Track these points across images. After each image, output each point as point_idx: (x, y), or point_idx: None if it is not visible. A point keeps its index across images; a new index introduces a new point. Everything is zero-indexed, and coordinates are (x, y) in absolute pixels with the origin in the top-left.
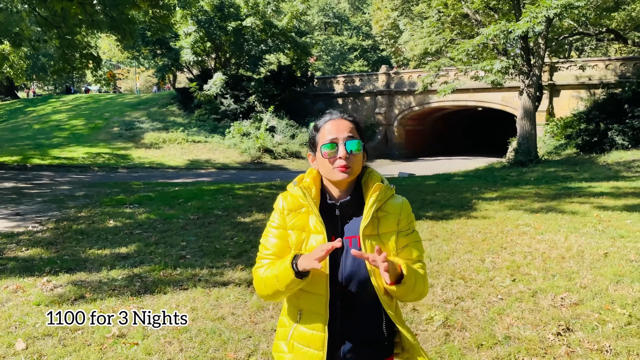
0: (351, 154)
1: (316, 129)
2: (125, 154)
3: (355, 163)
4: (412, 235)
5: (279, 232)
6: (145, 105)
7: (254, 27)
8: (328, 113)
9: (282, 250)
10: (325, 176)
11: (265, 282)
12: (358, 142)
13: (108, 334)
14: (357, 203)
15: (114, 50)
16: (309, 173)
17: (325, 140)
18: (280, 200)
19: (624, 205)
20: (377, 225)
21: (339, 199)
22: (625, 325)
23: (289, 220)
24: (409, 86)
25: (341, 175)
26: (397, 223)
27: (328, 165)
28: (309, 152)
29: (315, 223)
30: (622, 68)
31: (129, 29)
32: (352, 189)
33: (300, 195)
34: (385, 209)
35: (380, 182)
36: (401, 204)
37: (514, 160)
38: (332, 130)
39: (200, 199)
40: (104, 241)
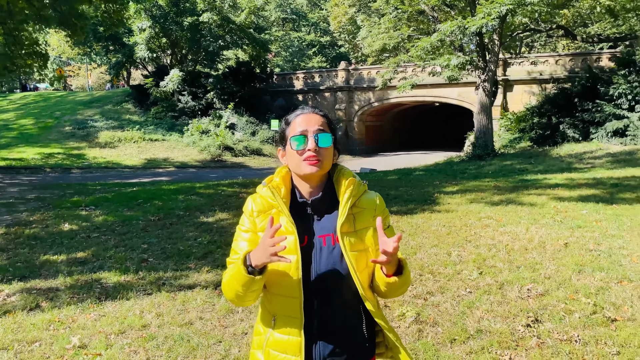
0: (321, 148)
1: (287, 122)
2: (79, 153)
3: (325, 157)
4: (389, 230)
5: (248, 235)
6: (98, 103)
7: (211, 23)
8: (300, 108)
9: None
10: (294, 171)
11: (227, 284)
12: (328, 135)
13: (68, 345)
14: (329, 200)
15: (64, 47)
16: (277, 172)
17: (295, 132)
18: (250, 202)
19: (579, 196)
20: (354, 222)
21: (310, 196)
22: (591, 314)
23: (258, 223)
24: (368, 82)
25: (310, 169)
26: (373, 218)
27: (297, 158)
28: (279, 148)
29: (286, 223)
30: (571, 63)
31: (80, 25)
32: (323, 186)
33: (270, 196)
34: (359, 205)
35: (353, 177)
36: (375, 199)
37: (472, 154)
38: (302, 123)
39: (160, 199)
40: (60, 246)
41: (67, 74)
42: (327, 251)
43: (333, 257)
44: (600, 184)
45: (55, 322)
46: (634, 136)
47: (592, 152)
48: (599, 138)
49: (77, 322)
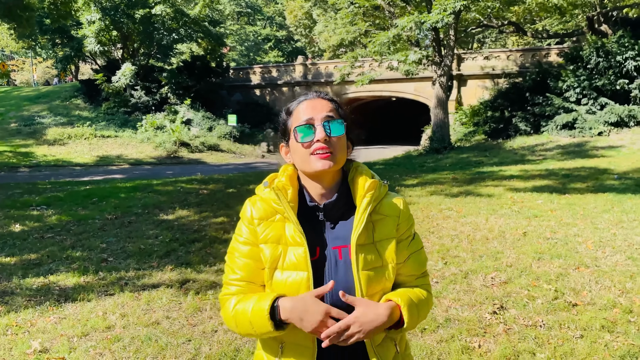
0: (332, 138)
1: (288, 112)
2: (27, 151)
3: (338, 149)
4: (414, 242)
5: (248, 249)
6: (46, 99)
7: (164, 16)
8: (304, 94)
9: (253, 273)
10: (301, 168)
11: (236, 319)
12: (340, 122)
13: (28, 349)
14: (345, 204)
15: (7, 40)
16: (283, 170)
17: (299, 121)
18: (248, 207)
19: (533, 187)
20: (372, 232)
21: (321, 200)
22: (553, 300)
23: (260, 232)
24: (326, 77)
25: (321, 164)
26: (396, 228)
27: (304, 152)
28: (281, 143)
29: (293, 232)
30: (521, 59)
31: (26, 17)
32: (337, 187)
33: (274, 199)
34: (380, 211)
35: (374, 178)
36: (399, 204)
37: (429, 147)
38: (307, 110)
39: (116, 197)
40: (12, 247)
41: (11, 69)
42: (343, 266)
43: (350, 272)
44: (552, 175)
45: (12, 327)
46: (582, 128)
47: (544, 144)
48: (550, 131)
49: (37, 326)
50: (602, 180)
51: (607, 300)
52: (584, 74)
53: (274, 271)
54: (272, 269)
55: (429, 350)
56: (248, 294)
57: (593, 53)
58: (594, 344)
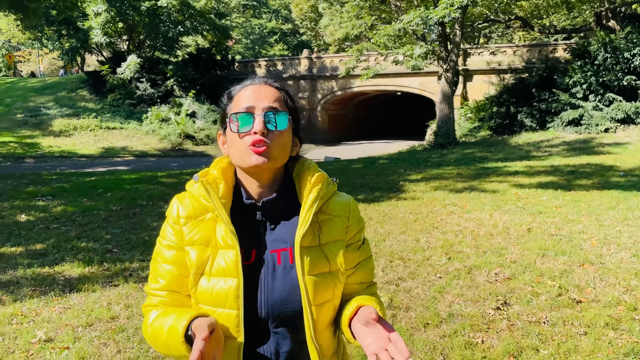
0: (272, 132)
1: (229, 97)
2: (33, 142)
3: (277, 145)
4: (364, 247)
5: (172, 254)
6: (51, 90)
7: (170, 7)
8: (250, 78)
9: (177, 282)
10: (234, 162)
11: (153, 337)
12: (284, 115)
13: (33, 338)
14: (288, 203)
15: (14, 31)
16: (215, 163)
17: (238, 108)
18: (175, 204)
19: (538, 183)
20: (319, 233)
21: (260, 197)
22: (557, 296)
23: (187, 232)
24: (331, 71)
25: (255, 159)
26: (345, 230)
27: (239, 143)
28: (219, 131)
29: (224, 233)
30: (528, 54)
31: (32, 8)
32: (278, 183)
33: (203, 195)
34: (327, 211)
35: (321, 173)
36: (348, 204)
37: (434, 142)
38: (249, 97)
39: (121, 188)
40: (17, 237)
41: (17, 60)
42: (282, 272)
43: (291, 281)
44: (557, 171)
45: (18, 316)
46: (588, 125)
47: (549, 140)
48: (555, 127)
49: (42, 316)
50: (607, 177)
51: (612, 297)
52: (591, 69)
53: (200, 277)
54: (198, 274)
55: (432, 345)
56: (169, 307)
57: (601, 49)
58: (597, 341)
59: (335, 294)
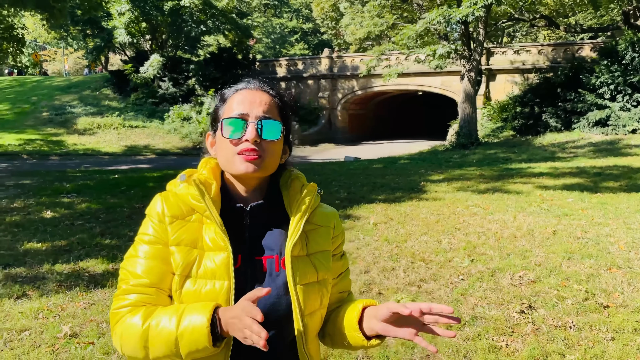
0: (264, 141)
1: (222, 99)
2: (58, 140)
3: (269, 154)
4: (344, 259)
5: (155, 249)
6: (76, 89)
7: (193, 7)
8: (245, 81)
9: (162, 278)
10: (223, 166)
11: (150, 340)
12: (277, 124)
13: (59, 333)
14: (274, 210)
15: (40, 30)
16: (204, 163)
17: (230, 113)
18: (159, 202)
19: (564, 185)
20: (306, 243)
21: (246, 201)
22: (583, 300)
23: (172, 232)
24: (352, 70)
25: (244, 167)
26: (331, 241)
27: (229, 149)
28: (208, 132)
29: (215, 235)
30: (553, 53)
31: (58, 7)
32: (264, 189)
33: (192, 194)
34: (313, 221)
35: (312, 184)
36: (334, 215)
37: (456, 142)
38: (243, 103)
39: (143, 186)
40: (43, 233)
41: (43, 59)
42: (268, 279)
43: (277, 289)
44: (583, 173)
45: (44, 311)
46: (615, 126)
47: (575, 141)
48: (581, 128)
49: (67, 311)
50: (635, 180)
51: None
52: (618, 69)
53: (185, 279)
54: (183, 276)
55: (454, 348)
56: (154, 305)
57: (629, 48)
58: (625, 347)
59: (323, 303)
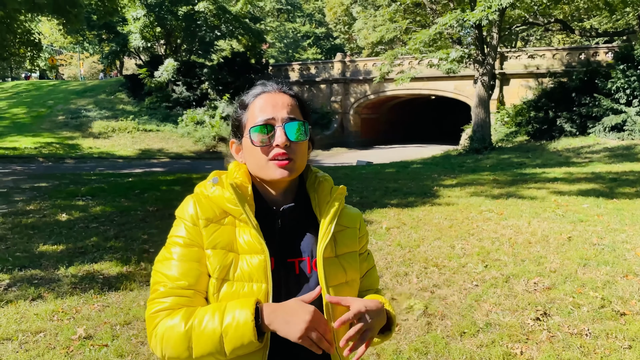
0: (294, 143)
1: (243, 105)
2: (73, 143)
3: (299, 156)
4: (369, 258)
5: (191, 251)
6: (91, 93)
7: (207, 12)
8: (260, 84)
9: (199, 280)
10: (255, 173)
11: (194, 340)
12: (302, 124)
13: (73, 335)
14: (303, 212)
15: (56, 35)
16: (237, 167)
17: (256, 120)
18: (191, 204)
19: (579, 190)
20: (334, 244)
21: (276, 204)
22: (599, 308)
23: (207, 235)
24: (364, 74)
25: (279, 172)
26: (358, 241)
27: (259, 157)
28: (231, 140)
29: (252, 238)
30: (567, 58)
31: (74, 13)
32: (294, 192)
33: (228, 199)
34: (341, 223)
35: (342, 186)
36: (358, 216)
37: (469, 147)
38: (266, 108)
39: (157, 189)
40: (58, 236)
41: (59, 63)
42: (300, 282)
43: (309, 291)
44: (599, 179)
45: (58, 313)
46: (631, 131)
47: (590, 146)
48: (597, 132)
49: (81, 313)
50: None
51: None
52: (634, 74)
53: (222, 283)
54: (220, 279)
55: (468, 355)
56: (192, 306)
57: None
58: None
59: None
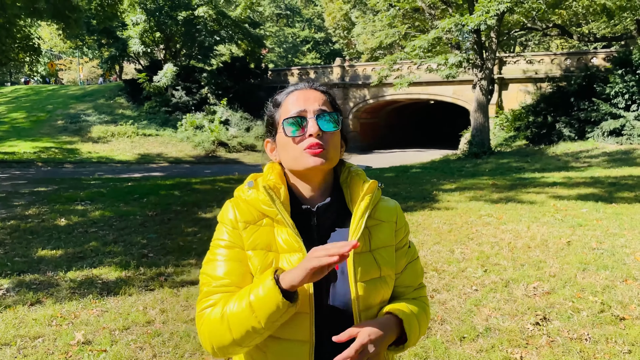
0: (326, 133)
1: (276, 104)
2: (72, 148)
3: (331, 145)
4: (410, 251)
5: (233, 252)
6: (91, 97)
7: (207, 17)
8: (293, 84)
9: (243, 278)
10: (290, 166)
11: (230, 320)
12: (334, 115)
13: (72, 340)
14: (339, 208)
15: (56, 40)
16: (270, 169)
17: (289, 113)
18: (230, 209)
19: (578, 195)
20: (369, 239)
21: (312, 202)
22: (599, 312)
23: (246, 237)
24: (364, 79)
25: (312, 160)
26: (394, 235)
27: (294, 148)
28: (266, 140)
29: (288, 237)
30: (566, 62)
31: (74, 18)
32: (329, 189)
33: (263, 200)
34: (376, 217)
35: (372, 180)
36: (395, 209)
37: (468, 152)
38: (298, 102)
39: (156, 194)
40: (57, 241)
41: (59, 68)
42: (340, 276)
43: (347, 286)
44: (598, 183)
45: (57, 318)
46: (630, 135)
47: (589, 151)
48: (595, 137)
49: (80, 318)
50: None
51: None
52: (632, 79)
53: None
54: None
55: None
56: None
57: None
58: None
59: (385, 298)
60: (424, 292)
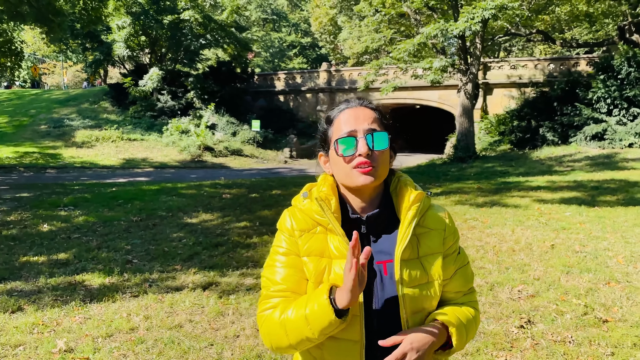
0: (375, 152)
1: (328, 121)
2: (55, 153)
3: (381, 163)
4: (460, 257)
5: (290, 259)
6: (75, 102)
7: (192, 21)
8: (344, 101)
9: (298, 284)
10: (341, 182)
11: (287, 327)
12: (384, 135)
13: (54, 348)
14: (388, 217)
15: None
16: (323, 180)
17: (340, 133)
18: (288, 217)
19: (561, 198)
20: (417, 246)
21: (363, 211)
22: (582, 315)
23: (302, 244)
24: (350, 84)
25: (362, 179)
26: (442, 242)
27: (345, 166)
28: (320, 152)
29: (339, 245)
30: (549, 68)
31: (58, 21)
32: (379, 198)
33: (316, 210)
34: (424, 224)
35: (420, 190)
36: (445, 217)
37: (453, 156)
38: (349, 121)
39: (141, 199)
40: (39, 247)
41: (42, 72)
42: (389, 282)
43: (394, 291)
44: (581, 187)
45: (39, 325)
46: (611, 140)
47: (572, 155)
48: (578, 141)
49: (62, 325)
50: (632, 193)
51: (639, 317)
52: (614, 84)
53: (318, 285)
54: (317, 282)
55: None
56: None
57: (624, 63)
58: None
59: (432, 304)
60: (474, 297)
